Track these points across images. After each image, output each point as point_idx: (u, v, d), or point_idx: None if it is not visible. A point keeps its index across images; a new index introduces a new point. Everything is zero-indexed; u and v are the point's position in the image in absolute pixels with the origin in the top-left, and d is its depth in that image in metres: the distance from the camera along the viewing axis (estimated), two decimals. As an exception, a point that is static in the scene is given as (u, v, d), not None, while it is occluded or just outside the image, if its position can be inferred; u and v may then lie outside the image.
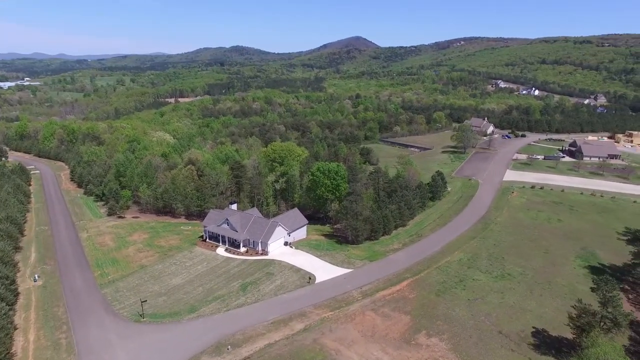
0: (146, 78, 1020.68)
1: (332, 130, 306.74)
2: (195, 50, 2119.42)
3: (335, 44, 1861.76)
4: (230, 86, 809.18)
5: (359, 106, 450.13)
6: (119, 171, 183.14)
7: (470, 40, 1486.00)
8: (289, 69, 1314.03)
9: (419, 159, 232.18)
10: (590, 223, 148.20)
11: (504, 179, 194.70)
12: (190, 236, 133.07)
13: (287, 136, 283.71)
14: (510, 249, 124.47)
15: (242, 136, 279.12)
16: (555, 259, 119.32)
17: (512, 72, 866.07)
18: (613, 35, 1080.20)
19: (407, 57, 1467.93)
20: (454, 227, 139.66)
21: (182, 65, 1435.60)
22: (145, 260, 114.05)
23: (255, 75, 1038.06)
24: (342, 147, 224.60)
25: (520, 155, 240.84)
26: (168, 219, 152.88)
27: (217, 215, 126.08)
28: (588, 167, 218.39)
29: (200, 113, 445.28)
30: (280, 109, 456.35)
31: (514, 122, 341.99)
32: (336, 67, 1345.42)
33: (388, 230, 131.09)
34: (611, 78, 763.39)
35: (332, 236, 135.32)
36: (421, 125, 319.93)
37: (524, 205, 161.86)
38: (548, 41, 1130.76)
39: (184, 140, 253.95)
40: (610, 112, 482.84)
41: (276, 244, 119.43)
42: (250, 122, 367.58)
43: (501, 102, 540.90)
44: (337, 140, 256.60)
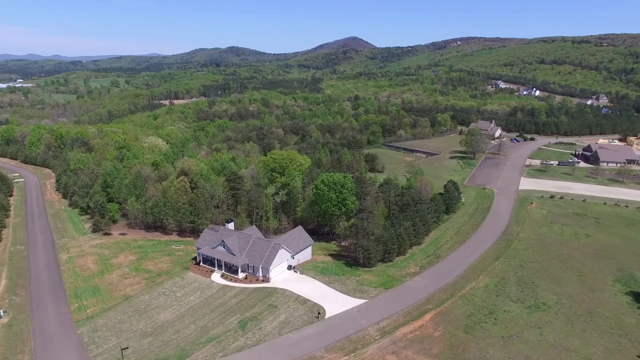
0: (141, 79, 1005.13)
1: (332, 134, 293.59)
2: (191, 51, 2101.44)
3: (332, 44, 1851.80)
4: (226, 87, 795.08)
5: (359, 108, 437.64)
6: (107, 182, 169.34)
7: (467, 40, 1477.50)
8: (286, 69, 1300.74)
9: (427, 165, 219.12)
10: (620, 238, 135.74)
11: (519, 187, 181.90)
12: (182, 257, 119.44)
13: (286, 141, 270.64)
14: (539, 271, 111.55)
15: (238, 141, 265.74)
16: (592, 284, 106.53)
17: (511, 72, 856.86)
18: (611, 35, 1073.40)
19: (404, 57, 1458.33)
20: (473, 245, 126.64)
21: (177, 66, 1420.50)
22: (130, 288, 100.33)
23: (252, 76, 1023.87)
24: (346, 153, 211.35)
25: (532, 160, 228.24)
26: (158, 236, 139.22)
27: (212, 236, 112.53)
28: (606, 173, 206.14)
29: (195, 116, 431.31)
30: (277, 111, 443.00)
31: (521, 124, 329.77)
32: (333, 67, 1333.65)
33: (403, 250, 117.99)
34: (611, 78, 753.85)
35: (340, 256, 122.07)
36: (426, 128, 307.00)
37: (546, 218, 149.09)
38: (546, 41, 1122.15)
39: (177, 146, 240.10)
40: (615, 113, 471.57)
41: (279, 268, 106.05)
42: (247, 125, 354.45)
43: (503, 103, 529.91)
44: (339, 146, 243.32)
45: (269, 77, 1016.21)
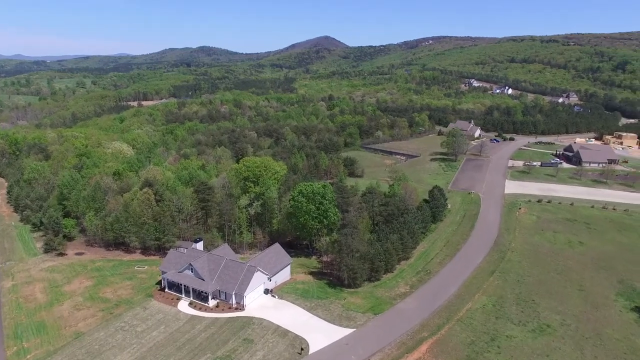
0: (108, 80, 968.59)
1: (308, 136, 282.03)
2: (161, 51, 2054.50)
3: (304, 43, 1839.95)
4: (197, 88, 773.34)
5: (334, 108, 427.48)
6: (63, 194, 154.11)
7: (439, 39, 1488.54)
8: (258, 69, 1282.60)
9: (408, 168, 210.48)
10: (614, 245, 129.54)
11: (505, 191, 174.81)
12: (145, 281, 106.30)
13: (259, 144, 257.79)
14: (538, 286, 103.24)
15: (209, 145, 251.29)
16: (595, 299, 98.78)
17: (483, 71, 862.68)
18: (577, 35, 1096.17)
19: (377, 56, 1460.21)
20: (465, 257, 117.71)
21: (147, 66, 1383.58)
22: (83, 323, 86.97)
23: (223, 76, 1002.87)
24: (323, 157, 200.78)
25: (515, 162, 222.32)
26: (120, 255, 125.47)
27: (178, 258, 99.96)
28: (589, 174, 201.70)
29: (164, 118, 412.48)
30: (250, 113, 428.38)
31: (499, 124, 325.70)
32: (306, 67, 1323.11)
33: (391, 266, 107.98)
34: (579, 76, 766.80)
35: (322, 274, 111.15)
36: (404, 129, 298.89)
37: (536, 224, 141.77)
38: (516, 40, 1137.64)
39: (144, 152, 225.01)
40: (587, 111, 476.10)
41: (254, 293, 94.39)
42: (219, 127, 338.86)
43: (477, 102, 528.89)
44: (316, 149, 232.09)
45: (241, 77, 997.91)
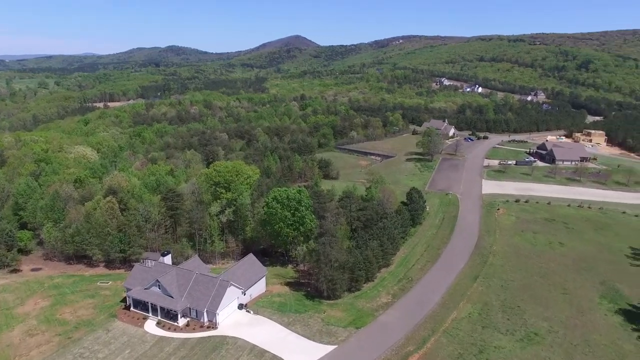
0: (73, 80, 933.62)
1: (281, 137, 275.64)
2: (129, 51, 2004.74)
3: (275, 42, 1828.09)
4: (166, 88, 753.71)
5: (306, 108, 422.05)
6: (18, 203, 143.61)
7: (409, 38, 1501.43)
8: (229, 69, 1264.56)
9: (384, 169, 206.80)
10: (592, 245, 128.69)
11: (483, 191, 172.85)
12: (109, 299, 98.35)
13: (231, 146, 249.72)
14: (522, 292, 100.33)
15: (178, 148, 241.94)
16: (580, 303, 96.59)
17: (453, 70, 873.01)
18: (542, 34, 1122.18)
19: (348, 55, 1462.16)
20: (447, 262, 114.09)
21: (114, 66, 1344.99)
22: (37, 351, 78.84)
23: (193, 76, 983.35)
24: (297, 159, 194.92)
25: (490, 161, 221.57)
26: (81, 270, 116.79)
27: (145, 273, 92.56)
28: (563, 172, 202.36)
29: (131, 120, 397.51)
30: (221, 113, 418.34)
31: (472, 122, 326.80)
32: (277, 66, 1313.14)
33: (371, 275, 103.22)
34: (546, 75, 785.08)
35: (299, 285, 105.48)
36: (378, 129, 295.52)
37: (516, 225, 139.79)
38: (484, 39, 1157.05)
39: (109, 156, 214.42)
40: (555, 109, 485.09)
41: (228, 309, 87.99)
42: (189, 129, 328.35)
43: (449, 101, 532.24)
44: (289, 151, 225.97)
45: (211, 77, 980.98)
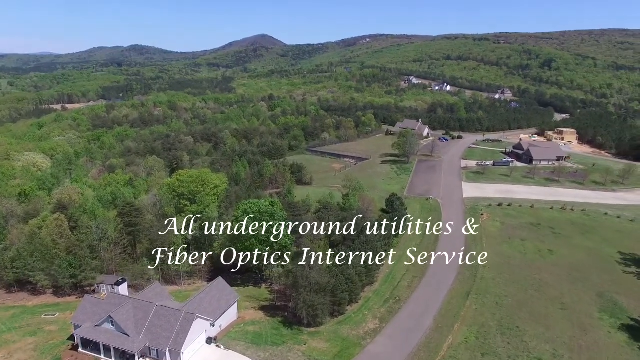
0: (28, 81, 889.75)
1: (250, 140, 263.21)
2: (89, 50, 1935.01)
3: (242, 42, 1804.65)
4: (129, 89, 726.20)
5: (275, 109, 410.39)
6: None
7: (376, 37, 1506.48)
8: (194, 68, 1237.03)
9: (359, 173, 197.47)
10: (582, 251, 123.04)
11: (464, 195, 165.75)
12: (54, 336, 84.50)
13: (196, 151, 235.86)
14: (519, 309, 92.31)
15: (140, 154, 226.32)
16: (580, 320, 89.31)
17: (420, 68, 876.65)
18: (505, 34, 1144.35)
19: (315, 54, 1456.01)
20: (435, 278, 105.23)
21: (73, 66, 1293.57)
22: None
23: (157, 76, 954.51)
24: (268, 164, 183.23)
25: (467, 162, 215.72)
26: (24, 300, 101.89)
27: (95, 306, 79.51)
28: (542, 172, 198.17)
29: (90, 123, 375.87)
30: (186, 115, 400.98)
31: (444, 121, 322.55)
32: (244, 66, 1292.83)
33: (355, 296, 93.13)
34: (511, 73, 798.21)
35: (275, 309, 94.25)
36: (350, 129, 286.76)
37: (502, 232, 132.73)
38: (450, 38, 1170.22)
39: (62, 164, 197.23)
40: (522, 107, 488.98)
41: (195, 345, 76.11)
42: (152, 132, 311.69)
43: (419, 99, 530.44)
44: (259, 155, 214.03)
45: (176, 77, 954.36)
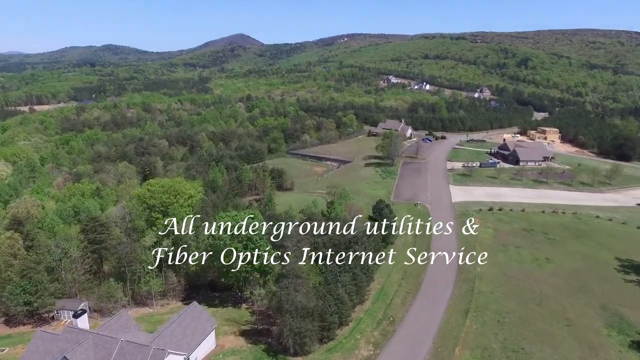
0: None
1: (227, 143, 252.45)
2: (61, 50, 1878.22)
3: (219, 41, 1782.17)
4: (102, 89, 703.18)
5: (253, 110, 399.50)
6: None
7: (354, 36, 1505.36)
8: (170, 69, 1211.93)
9: (342, 177, 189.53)
10: (579, 258, 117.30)
11: (452, 199, 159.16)
12: (3, 375, 74.24)
13: (171, 155, 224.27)
14: (522, 327, 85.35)
15: (111, 159, 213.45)
16: (588, 337, 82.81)
17: (399, 68, 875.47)
18: (482, 33, 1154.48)
19: (293, 54, 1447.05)
20: (430, 293, 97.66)
21: (43, 66, 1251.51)
22: None
23: (132, 76, 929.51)
24: (247, 170, 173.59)
25: (453, 163, 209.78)
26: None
27: (49, 344, 69.03)
28: (529, 174, 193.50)
29: (59, 126, 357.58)
30: (161, 117, 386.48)
31: (427, 121, 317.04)
32: (221, 65, 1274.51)
33: (345, 318, 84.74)
34: (489, 72, 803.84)
35: (257, 335, 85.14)
36: (331, 130, 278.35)
37: (496, 239, 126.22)
38: (427, 37, 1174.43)
39: (24, 172, 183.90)
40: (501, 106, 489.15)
41: (165, 385, 66.55)
42: (124, 136, 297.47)
43: (399, 98, 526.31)
44: (237, 159, 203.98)
45: (151, 78, 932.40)
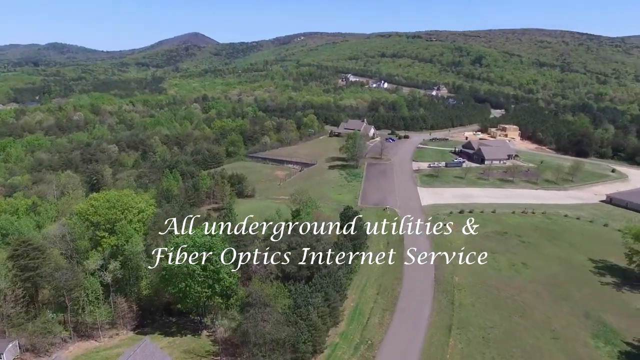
0: None
1: (182, 147, 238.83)
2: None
3: (172, 40, 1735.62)
4: (47, 90, 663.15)
5: (210, 111, 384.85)
6: None
7: (311, 35, 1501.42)
8: (122, 68, 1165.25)
9: (305, 181, 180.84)
10: (554, 262, 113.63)
11: (422, 203, 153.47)
12: None
13: (121, 161, 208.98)
14: (508, 343, 79.48)
15: (53, 167, 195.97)
16: (576, 350, 78.12)
17: (356, 66, 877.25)
18: (436, 32, 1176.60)
19: (250, 53, 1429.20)
20: (408, 308, 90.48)
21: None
22: None
23: (80, 76, 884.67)
24: (204, 177, 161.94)
25: (419, 164, 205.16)
26: None
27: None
28: (495, 172, 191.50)
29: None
30: (111, 120, 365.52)
31: (388, 120, 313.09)
32: (175, 65, 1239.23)
33: (319, 345, 76.08)
34: (445, 70, 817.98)
35: (221, 368, 75.41)
36: (292, 132, 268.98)
37: (470, 245, 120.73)
38: (384, 36, 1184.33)
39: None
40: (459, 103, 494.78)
41: None
42: (70, 141, 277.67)
43: (358, 97, 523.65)
44: (193, 164, 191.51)
45: (101, 78, 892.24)
